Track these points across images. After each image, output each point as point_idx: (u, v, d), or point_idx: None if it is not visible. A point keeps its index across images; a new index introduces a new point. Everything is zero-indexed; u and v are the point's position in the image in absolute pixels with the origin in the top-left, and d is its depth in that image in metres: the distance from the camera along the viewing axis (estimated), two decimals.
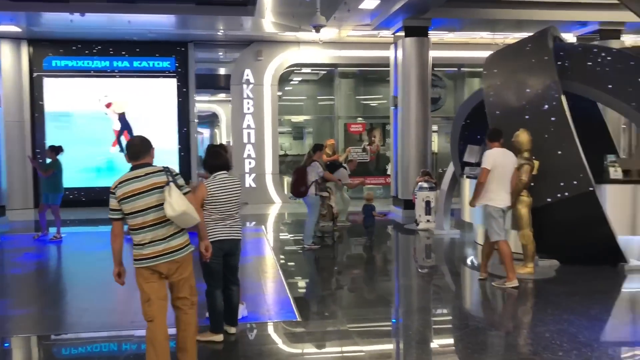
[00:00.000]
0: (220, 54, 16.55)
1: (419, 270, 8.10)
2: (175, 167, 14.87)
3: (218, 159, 4.91)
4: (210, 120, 23.33)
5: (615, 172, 7.69)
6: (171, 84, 15.12)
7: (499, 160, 6.45)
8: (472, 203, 6.65)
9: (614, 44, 12.41)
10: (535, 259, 7.04)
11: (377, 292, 6.87)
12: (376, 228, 10.87)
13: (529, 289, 6.55)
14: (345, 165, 11.10)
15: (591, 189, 6.96)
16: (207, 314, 4.93)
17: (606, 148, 9.20)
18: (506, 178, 6.49)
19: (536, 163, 6.88)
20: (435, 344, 5.02)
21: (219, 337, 4.80)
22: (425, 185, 10.67)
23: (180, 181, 3.86)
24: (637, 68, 8.26)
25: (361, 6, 11.76)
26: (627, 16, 11.17)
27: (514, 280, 6.40)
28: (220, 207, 4.72)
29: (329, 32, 13.82)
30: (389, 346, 5.05)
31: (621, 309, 6.02)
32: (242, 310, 5.29)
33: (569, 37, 13.59)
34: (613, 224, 7.07)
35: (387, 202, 13.86)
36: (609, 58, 8.98)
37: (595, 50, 9.26)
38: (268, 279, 7.19)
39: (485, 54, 9.67)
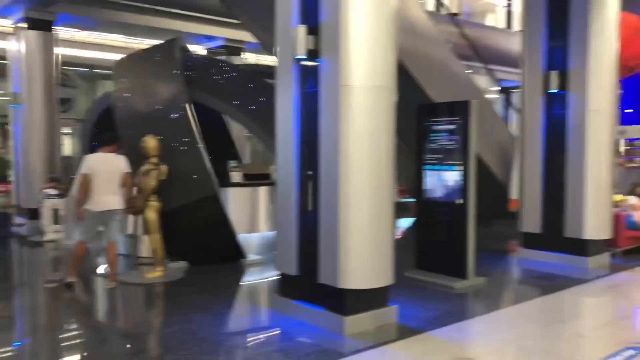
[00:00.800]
0: None
1: (45, 285, 7.38)
2: None
3: None
4: None
5: (236, 177, 8.49)
6: None
7: (98, 165, 6.49)
8: (78, 212, 6.48)
9: (236, 60, 13.71)
10: (166, 262, 7.22)
11: None
12: None
13: (158, 292, 6.68)
14: None
15: (214, 192, 7.51)
16: None
17: (230, 154, 10.12)
18: (110, 182, 6.53)
19: (164, 168, 7.06)
20: None
21: None
22: (52, 192, 9.86)
23: None
24: (258, 87, 9.32)
25: None
26: (248, 36, 12.49)
27: (69, 278, 6.62)
28: None
29: None
30: None
31: (240, 301, 6.64)
32: None
33: (199, 49, 14.44)
34: (234, 223, 7.79)
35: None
36: (234, 74, 9.90)
37: (222, 64, 10.08)
38: None
39: (121, 57, 9.50)
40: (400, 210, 11.49)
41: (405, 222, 11.18)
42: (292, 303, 5.49)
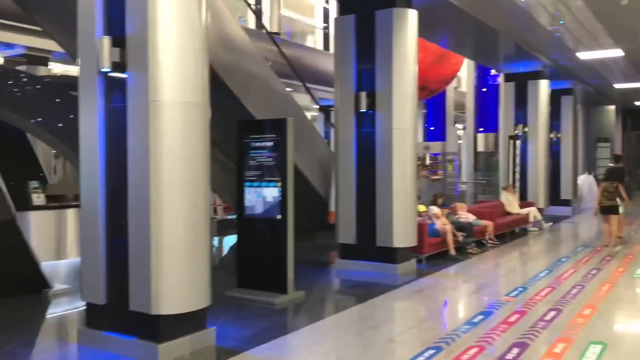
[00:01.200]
0: None
1: None
2: None
3: None
4: None
5: (38, 199, 7.70)
6: None
7: None
8: None
9: (41, 70, 12.54)
10: None
11: None
12: None
13: None
14: None
15: (10, 217, 6.69)
16: None
17: (33, 174, 9.16)
18: None
19: None
20: None
21: None
22: None
23: None
24: (66, 102, 8.57)
25: None
26: (54, 45, 11.49)
27: None
28: None
29: None
30: None
31: (41, 337, 5.94)
32: None
33: None
34: (38, 250, 7.02)
35: None
36: (38, 86, 9.02)
37: (22, 75, 9.14)
38: None
39: None
40: (226, 227, 11.39)
41: (230, 240, 11.07)
42: (101, 334, 5.07)
